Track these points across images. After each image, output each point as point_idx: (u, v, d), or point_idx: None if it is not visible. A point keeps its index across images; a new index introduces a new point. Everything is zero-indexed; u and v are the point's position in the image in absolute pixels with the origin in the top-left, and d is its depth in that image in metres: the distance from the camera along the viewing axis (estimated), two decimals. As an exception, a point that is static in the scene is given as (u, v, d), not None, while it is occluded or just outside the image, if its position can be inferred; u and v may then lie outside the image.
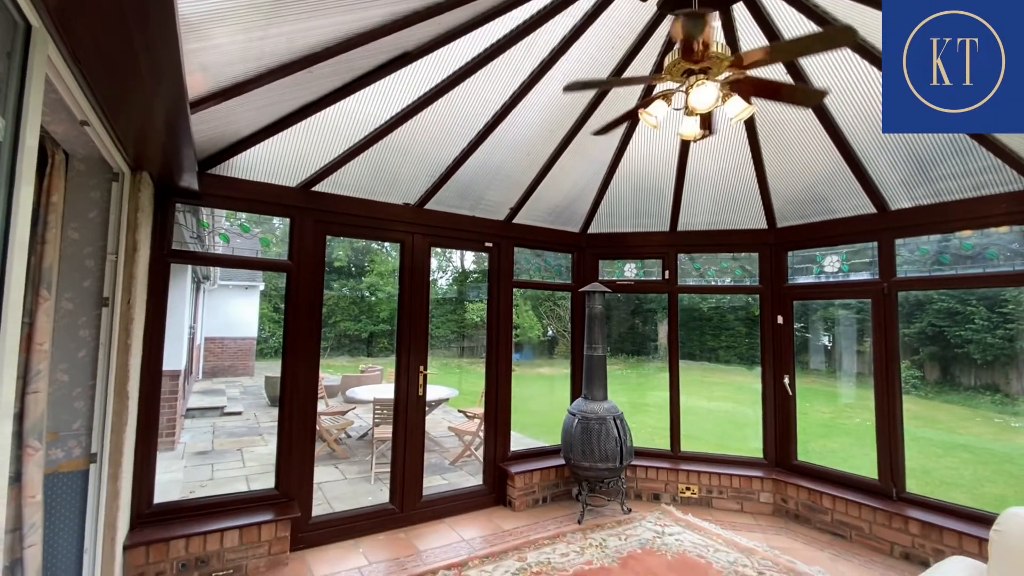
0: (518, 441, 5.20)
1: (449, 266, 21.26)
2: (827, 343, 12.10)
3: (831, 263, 4.20)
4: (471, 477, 5.13)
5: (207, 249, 5.31)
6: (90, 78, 1.68)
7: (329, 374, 12.63)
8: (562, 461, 4.24)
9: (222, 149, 3.02)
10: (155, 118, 1.94)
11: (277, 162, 3.23)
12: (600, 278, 4.84)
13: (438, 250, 19.10)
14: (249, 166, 3.19)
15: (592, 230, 4.80)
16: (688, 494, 4.30)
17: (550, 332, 18.25)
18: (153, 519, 2.92)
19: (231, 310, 13.89)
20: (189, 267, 6.89)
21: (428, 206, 3.92)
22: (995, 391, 10.25)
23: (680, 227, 4.61)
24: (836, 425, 9.52)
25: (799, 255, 4.41)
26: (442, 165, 3.67)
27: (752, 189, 4.19)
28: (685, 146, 3.97)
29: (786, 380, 4.31)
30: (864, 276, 3.97)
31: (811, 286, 4.34)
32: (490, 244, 4.31)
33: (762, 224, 4.43)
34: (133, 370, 2.66)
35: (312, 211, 3.48)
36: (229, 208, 3.29)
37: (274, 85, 2.48)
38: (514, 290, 4.48)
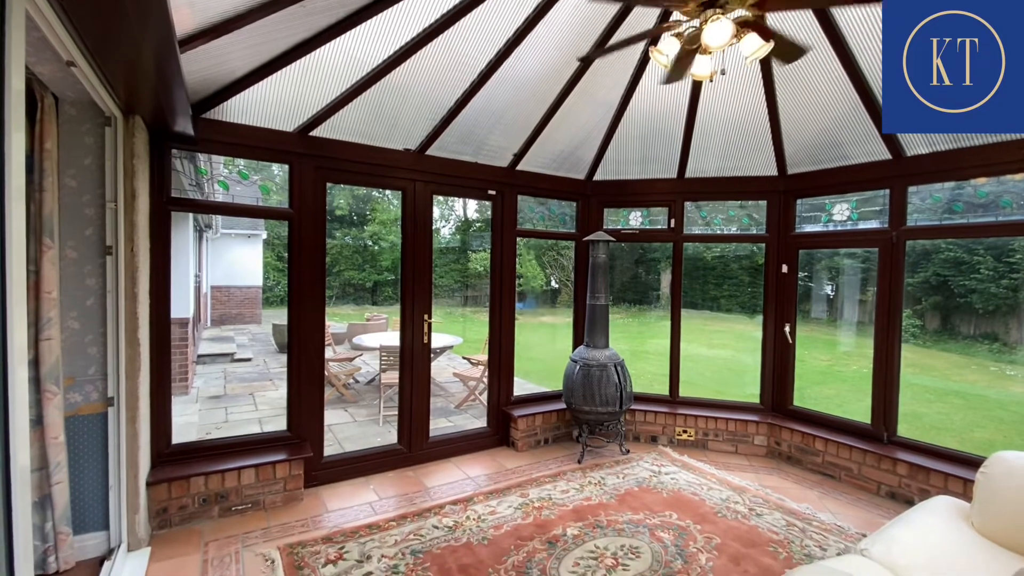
0: (521, 387, 5.34)
1: (452, 215, 21.07)
2: (830, 292, 12.12)
3: (840, 211, 4.12)
4: (476, 420, 5.31)
5: (207, 197, 5.25)
6: (71, 13, 1.59)
7: (335, 322, 12.83)
8: (563, 405, 4.37)
9: (216, 91, 2.92)
10: (144, 56, 1.85)
11: (273, 105, 3.13)
12: (605, 227, 4.79)
13: (440, 199, 18.87)
14: (244, 110, 3.09)
15: (598, 177, 4.70)
16: (684, 437, 4.45)
17: (553, 282, 18.31)
18: (172, 458, 3.07)
19: (235, 259, 13.94)
20: (190, 216, 6.85)
21: (429, 152, 3.82)
22: (993, 340, 10.35)
23: (688, 174, 4.50)
24: (833, 372, 9.71)
25: (808, 203, 4.33)
26: (443, 107, 3.54)
27: (764, 134, 4.06)
28: (697, 88, 3.81)
29: (787, 328, 4.35)
30: (873, 225, 3.91)
31: (818, 235, 4.29)
32: (493, 192, 4.24)
33: (772, 171, 4.32)
34: (142, 317, 2.70)
35: (311, 157, 3.40)
36: (226, 154, 3.22)
37: (266, 21, 2.36)
38: (517, 239, 4.45)
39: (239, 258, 14.02)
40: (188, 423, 5.24)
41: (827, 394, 8.08)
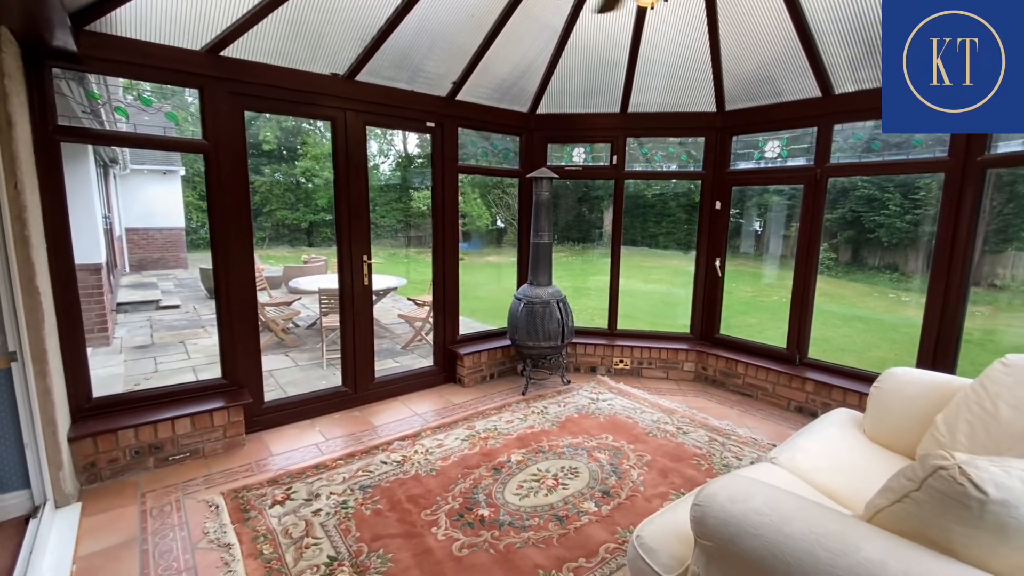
0: (468, 326, 5.38)
1: (391, 150, 20.03)
2: (758, 228, 12.83)
3: (772, 148, 4.27)
4: (423, 359, 5.35)
5: (106, 126, 4.65)
6: None
7: (270, 265, 12.22)
8: (508, 342, 4.47)
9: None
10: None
11: (173, 18, 2.72)
12: (548, 163, 4.73)
13: (377, 131, 17.81)
14: (139, 22, 2.68)
15: (541, 110, 4.56)
16: (621, 366, 4.72)
17: (499, 221, 18.15)
18: (96, 412, 2.89)
19: (151, 198, 12.71)
20: (90, 148, 6.08)
21: (360, 78, 3.53)
22: (894, 270, 11.49)
23: (631, 109, 4.46)
24: (757, 303, 10.49)
25: (743, 140, 4.44)
26: (373, 27, 3.24)
27: (705, 68, 4.05)
28: (641, 17, 3.70)
29: (717, 263, 4.59)
30: (800, 162, 4.09)
31: (750, 172, 4.45)
32: (432, 124, 4.03)
33: (711, 107, 4.37)
34: (39, 264, 2.42)
35: (224, 81, 3.05)
36: (119, 75, 2.81)
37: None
38: (460, 176, 4.31)
39: (156, 197, 12.80)
40: (113, 375, 4.93)
41: (750, 322, 8.76)
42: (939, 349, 3.34)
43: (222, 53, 2.99)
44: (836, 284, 11.57)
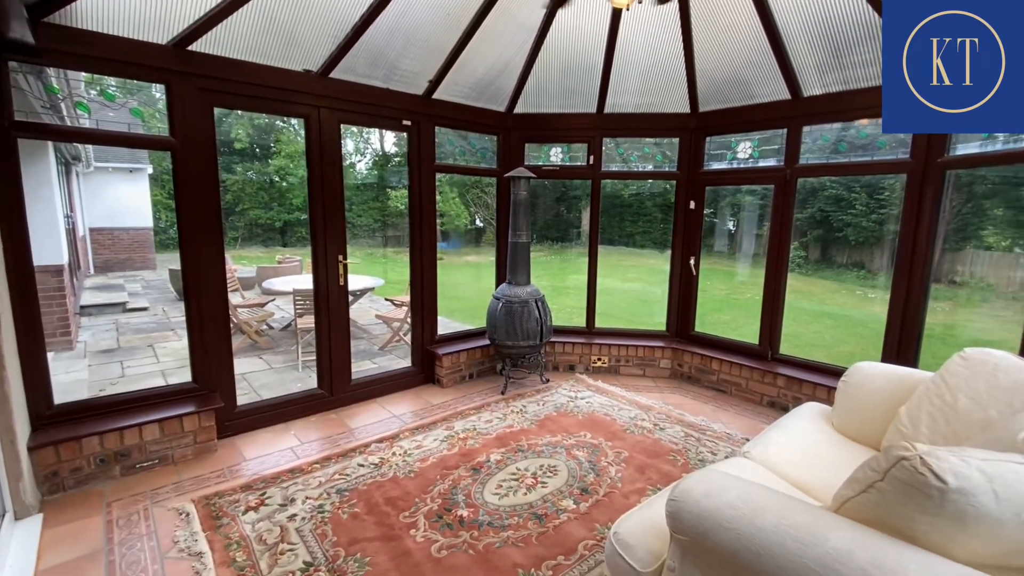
0: (446, 326, 5.36)
1: (368, 149, 19.79)
2: (731, 227, 13.10)
3: (744, 149, 4.37)
4: (401, 360, 5.30)
5: (67, 121, 4.47)
6: None
7: (243, 265, 11.95)
8: (487, 341, 4.46)
9: (57, -12, 2.40)
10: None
11: (137, 10, 2.63)
12: (526, 163, 4.73)
13: (353, 130, 17.57)
14: (100, 14, 2.58)
15: (518, 110, 4.56)
16: (599, 364, 4.76)
17: (478, 221, 18.11)
18: (58, 419, 2.77)
19: (117, 197, 12.28)
20: (50, 145, 5.84)
21: (334, 75, 3.47)
22: (861, 268, 11.88)
23: (607, 109, 4.50)
24: (730, 300, 10.71)
25: (716, 141, 4.53)
26: (347, 23, 3.19)
27: (679, 70, 4.11)
28: (616, 18, 3.73)
29: (691, 261, 4.67)
30: (771, 163, 4.19)
31: (723, 172, 4.53)
32: (408, 123, 3.99)
33: (686, 108, 4.44)
34: (-6, 265, 2.32)
35: (193, 76, 2.96)
36: (79, 69, 2.70)
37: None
38: (438, 175, 4.28)
39: (122, 196, 12.36)
40: (77, 380, 4.75)
41: (724, 320, 8.94)
42: (902, 344, 3.46)
43: (190, 48, 2.91)
44: (806, 281, 11.90)
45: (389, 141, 19.02)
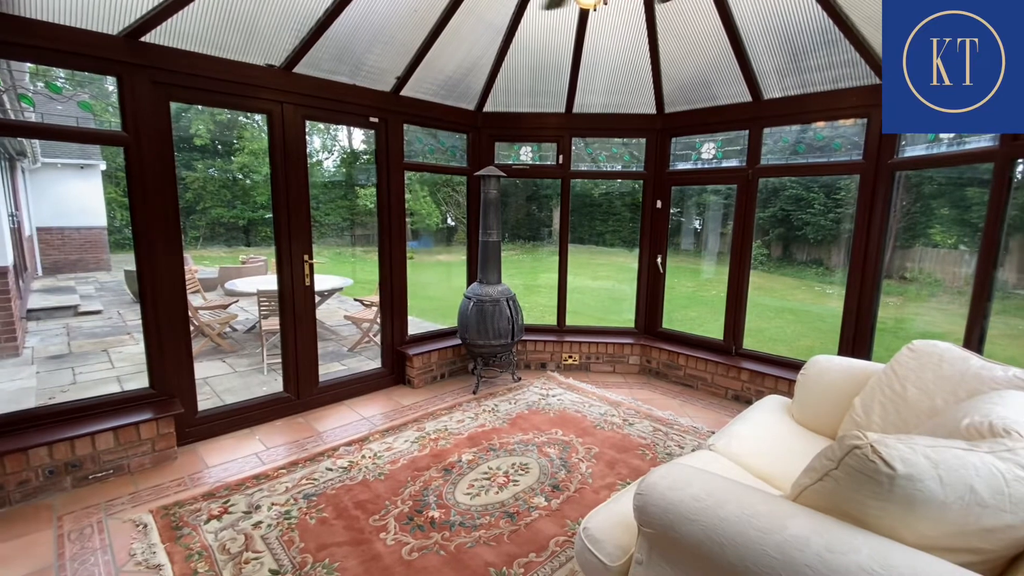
0: (418, 325, 5.30)
1: (336, 146, 19.38)
2: (697, 226, 13.42)
3: (708, 150, 4.47)
4: (371, 361, 5.22)
5: (10, 115, 4.22)
6: None
7: (205, 266, 11.54)
8: (459, 341, 4.44)
9: (-5, -27, 2.26)
10: None
11: (85, -1, 2.51)
12: (496, 162, 4.73)
13: (321, 127, 17.18)
14: (46, 2, 2.44)
15: (488, 108, 4.55)
16: (570, 361, 4.80)
17: (449, 219, 17.98)
18: (2, 430, 2.62)
19: (66, 194, 11.67)
20: (-11, 139, 5.50)
21: (298, 69, 3.38)
22: (819, 264, 12.36)
23: (576, 109, 4.54)
24: (697, 297, 10.98)
25: (681, 142, 4.63)
26: (311, 16, 3.12)
27: (646, 71, 4.18)
28: (584, 19, 3.77)
29: (659, 259, 4.76)
30: (734, 163, 4.31)
31: (688, 172, 4.63)
32: (376, 119, 3.93)
33: (652, 109, 4.51)
34: (-73, 266, 2.17)
35: (146, 68, 2.84)
36: (22, 59, 2.55)
37: None
38: (408, 173, 4.23)
39: (72, 193, 11.75)
40: (23, 388, 4.51)
41: (691, 316, 9.16)
42: (857, 337, 3.62)
43: (143, 39, 2.78)
44: (768, 278, 12.30)
45: (358, 138, 18.68)
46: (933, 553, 1.05)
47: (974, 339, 2.82)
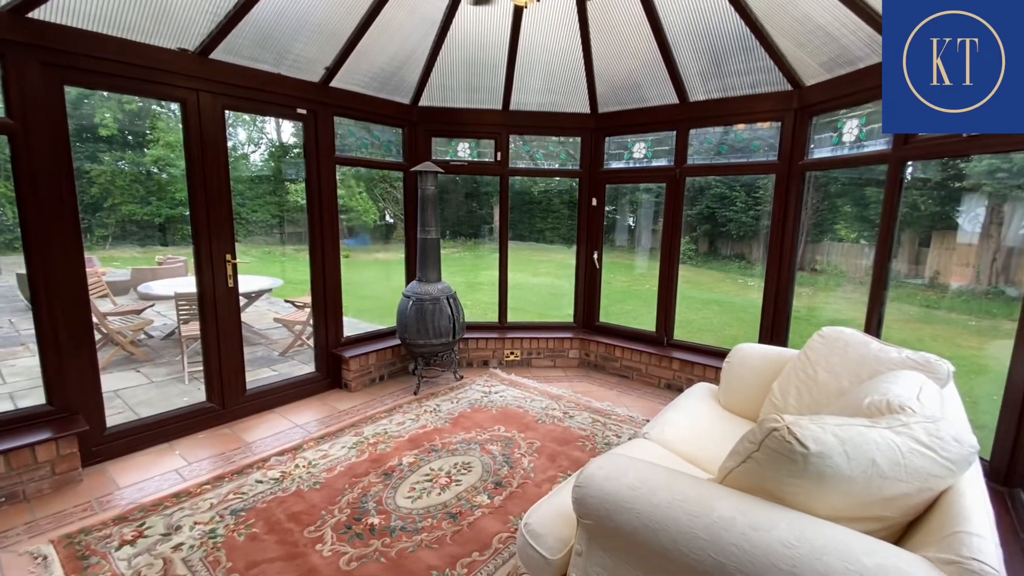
0: (354, 327, 5.12)
1: (263, 139, 18.30)
2: (631, 223, 13.93)
3: (639, 149, 4.64)
4: (304, 366, 4.99)
5: None
6: None
7: (114, 268, 10.54)
8: (398, 341, 4.34)
9: None
10: None
11: (-48, -35, 2.20)
12: (433, 157, 4.65)
13: (246, 118, 16.16)
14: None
15: (424, 103, 4.46)
16: (512, 358, 4.83)
17: (388, 216, 17.52)
18: None
19: (-63, 188, 10.23)
20: None
21: (215, 55, 3.15)
22: (741, 259, 13.22)
23: (512, 106, 4.55)
24: (631, 291, 11.40)
25: (615, 141, 4.77)
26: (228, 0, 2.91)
27: (580, 71, 4.26)
28: (518, 16, 3.78)
29: (595, 255, 4.89)
30: (664, 163, 4.49)
31: (620, 171, 4.79)
32: (303, 111, 3.74)
33: (586, 109, 4.61)
34: None
35: (34, 48, 2.53)
36: None
37: None
38: (341, 168, 4.06)
39: (-55, 187, 10.32)
40: None
41: (626, 310, 9.50)
42: (775, 325, 3.89)
43: (30, 15, 2.48)
44: (696, 272, 13.00)
45: (287, 131, 17.73)
46: (842, 523, 1.14)
47: (874, 324, 3.11)
